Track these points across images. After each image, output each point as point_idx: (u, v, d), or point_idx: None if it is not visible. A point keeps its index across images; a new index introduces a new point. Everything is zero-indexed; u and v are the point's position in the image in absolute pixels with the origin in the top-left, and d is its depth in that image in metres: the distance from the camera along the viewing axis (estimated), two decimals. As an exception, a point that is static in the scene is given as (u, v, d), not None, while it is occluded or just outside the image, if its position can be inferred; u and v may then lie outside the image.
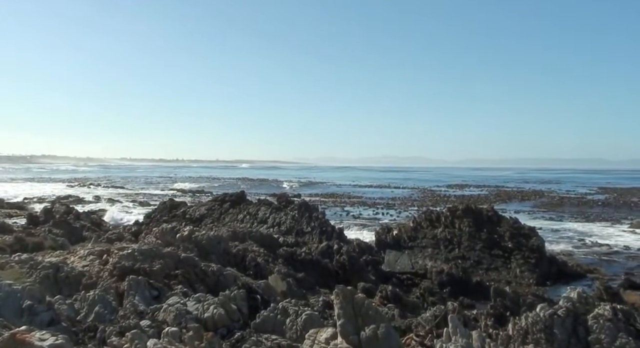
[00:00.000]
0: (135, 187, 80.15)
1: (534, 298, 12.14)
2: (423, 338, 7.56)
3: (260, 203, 26.73)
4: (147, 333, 6.44)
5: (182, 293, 8.42)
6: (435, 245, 22.33)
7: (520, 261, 20.60)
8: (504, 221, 23.16)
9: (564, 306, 7.05)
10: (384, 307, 11.10)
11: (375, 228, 29.04)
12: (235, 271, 11.14)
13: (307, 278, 14.37)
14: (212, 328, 7.01)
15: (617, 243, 28.47)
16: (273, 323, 7.08)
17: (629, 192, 74.20)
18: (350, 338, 5.58)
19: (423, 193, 69.60)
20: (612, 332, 6.71)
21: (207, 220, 25.83)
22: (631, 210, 47.06)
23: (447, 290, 16.20)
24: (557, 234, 31.81)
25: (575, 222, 39.34)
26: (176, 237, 13.48)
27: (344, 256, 16.49)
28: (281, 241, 18.56)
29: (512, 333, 6.91)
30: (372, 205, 50.49)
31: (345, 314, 5.71)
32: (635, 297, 16.66)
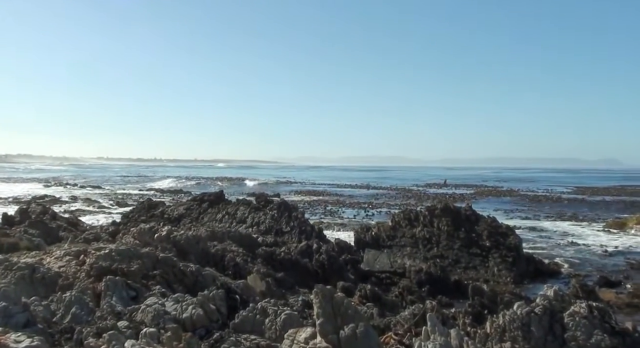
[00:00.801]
0: (113, 187, 79.48)
1: (512, 297, 12.24)
2: (402, 336, 7.59)
3: (239, 203, 26.65)
4: (125, 334, 6.39)
5: (160, 293, 8.36)
6: (414, 244, 22.46)
7: (498, 260, 20.78)
8: (482, 220, 23.35)
9: (540, 304, 7.12)
10: (363, 306, 11.12)
11: (354, 227, 29.13)
12: (214, 271, 11.09)
13: (287, 278, 14.36)
14: (191, 328, 6.98)
15: (592, 242, 28.86)
16: (252, 323, 7.06)
17: (603, 191, 75.14)
18: (330, 338, 5.59)
19: (401, 192, 69.90)
20: (587, 329, 6.79)
21: (185, 220, 25.69)
22: (605, 210, 47.68)
23: (425, 288, 16.28)
24: (533, 233, 32.16)
25: (551, 220, 39.79)
26: (154, 237, 13.39)
27: (323, 255, 16.50)
28: (260, 241, 18.53)
29: (490, 332, 6.97)
30: (350, 204, 50.61)
31: (324, 313, 5.72)
32: (610, 295, 16.90)
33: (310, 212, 41.38)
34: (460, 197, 60.03)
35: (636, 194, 67.06)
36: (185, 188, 75.68)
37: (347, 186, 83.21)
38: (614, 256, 24.95)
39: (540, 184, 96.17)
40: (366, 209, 46.25)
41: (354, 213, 42.87)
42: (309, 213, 38.78)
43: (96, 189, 71.49)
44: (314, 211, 43.54)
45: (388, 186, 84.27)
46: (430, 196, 61.62)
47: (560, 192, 72.41)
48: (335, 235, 26.49)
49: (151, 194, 58.94)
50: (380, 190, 72.98)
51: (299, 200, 52.49)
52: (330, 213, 42.43)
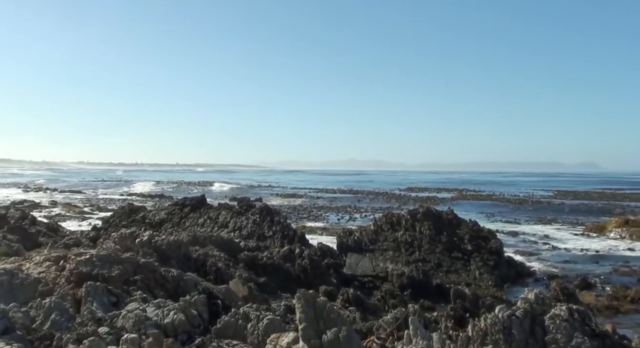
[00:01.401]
0: (93, 191, 78.86)
1: (493, 300, 12.32)
2: (384, 340, 7.59)
3: (221, 208, 26.56)
4: (106, 341, 6.33)
5: (142, 299, 8.29)
6: (396, 248, 22.51)
7: (480, 263, 20.90)
8: (464, 224, 23.48)
9: (521, 307, 7.17)
10: (346, 310, 11.11)
11: (336, 231, 29.15)
12: (195, 276, 11.02)
13: (269, 282, 14.31)
14: (172, 334, 6.93)
15: (572, 246, 29.15)
16: (234, 329, 7.02)
17: (583, 195, 75.88)
18: (312, 342, 5.57)
19: (383, 196, 70.06)
20: (568, 331, 6.84)
21: (167, 225, 25.55)
22: (585, 214, 48.13)
23: (407, 292, 16.32)
24: (514, 237, 32.39)
25: (532, 224, 40.12)
26: (135, 242, 13.28)
27: (305, 260, 16.48)
28: (242, 245, 18.46)
29: (472, 335, 6.99)
30: (332, 209, 50.65)
31: (306, 318, 5.70)
32: (590, 298, 17.06)
33: (292, 217, 41.35)
34: (442, 201, 60.32)
35: (615, 198, 67.80)
36: (154, 192, 75.12)
37: (329, 191, 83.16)
38: (594, 259, 25.20)
39: (521, 188, 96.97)
40: (349, 213, 46.31)
41: (337, 218, 42.92)
42: (291, 218, 38.77)
43: (76, 194, 70.84)
44: (295, 215, 43.50)
45: (369, 190, 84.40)
46: (411, 200, 61.82)
47: (541, 196, 73.05)
48: (318, 239, 26.48)
49: (132, 199, 58.51)
50: (361, 195, 73.07)
51: (280, 205, 52.40)
52: (312, 218, 42.42)
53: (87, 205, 50.28)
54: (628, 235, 31.40)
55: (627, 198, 68.48)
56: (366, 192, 78.55)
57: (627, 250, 27.52)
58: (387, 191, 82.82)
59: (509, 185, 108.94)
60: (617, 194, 77.47)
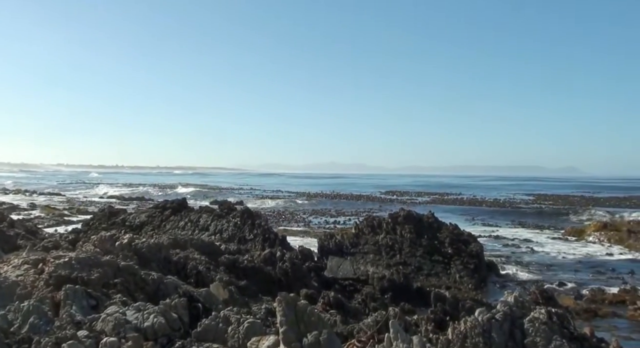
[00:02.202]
0: (73, 194, 78.13)
1: (473, 303, 12.39)
2: (365, 343, 7.61)
3: (202, 211, 26.45)
4: (85, 344, 6.29)
5: (121, 302, 8.24)
6: (377, 251, 22.56)
7: (460, 266, 21.02)
8: (444, 227, 23.61)
9: (501, 310, 7.22)
10: (327, 313, 11.12)
11: (318, 235, 29.17)
12: (176, 279, 10.97)
13: (250, 286, 14.27)
14: (152, 337, 6.90)
15: (552, 249, 29.45)
16: (214, 332, 7.01)
17: (563, 199, 76.56)
18: (293, 345, 5.58)
19: (364, 199, 70.19)
20: (547, 334, 6.91)
21: (147, 228, 25.38)
22: (565, 217, 48.60)
23: (388, 295, 16.36)
24: (495, 240, 32.64)
25: (512, 228, 40.46)
26: (115, 245, 13.18)
27: (286, 263, 16.45)
28: (223, 248, 18.39)
29: (452, 338, 7.03)
30: (314, 212, 50.68)
31: (287, 321, 5.71)
32: (569, 301, 17.24)
33: (273, 220, 41.31)
34: (423, 204, 60.60)
35: (594, 202, 68.48)
36: (113, 195, 74.57)
37: (310, 194, 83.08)
38: (573, 263, 25.46)
39: (502, 192, 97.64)
40: (330, 216, 46.37)
41: (318, 221, 42.94)
42: (272, 221, 38.73)
43: (56, 196, 70.10)
44: (276, 218, 43.47)
45: (350, 193, 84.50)
46: (392, 203, 62.01)
47: (521, 200, 73.61)
48: (299, 242, 26.47)
49: (112, 202, 58.07)
50: (342, 198, 73.13)
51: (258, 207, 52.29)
52: (293, 221, 42.41)
53: (67, 208, 49.78)
54: (606, 238, 31.75)
55: (607, 202, 69.23)
56: (347, 196, 78.61)
57: (605, 255, 27.82)
58: (368, 194, 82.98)
59: (490, 189, 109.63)
60: (595, 198, 78.27)
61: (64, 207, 51.16)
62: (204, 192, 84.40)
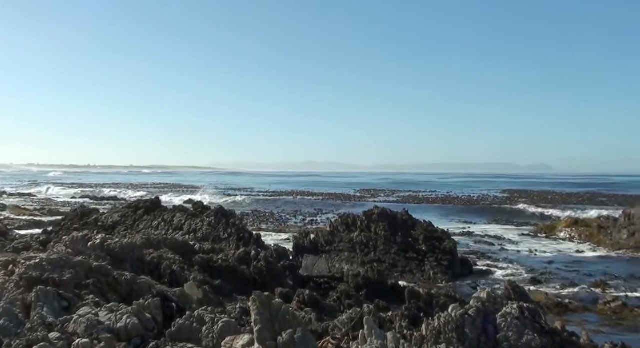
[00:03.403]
0: (44, 194, 77.02)
1: (447, 299, 12.50)
2: (339, 340, 7.64)
3: (175, 210, 26.28)
4: (56, 346, 6.21)
5: (94, 303, 8.15)
6: (352, 248, 22.66)
7: (434, 263, 21.20)
8: (418, 225, 23.77)
9: (474, 306, 7.29)
10: (302, 311, 11.13)
11: (293, 233, 29.17)
12: (149, 279, 10.88)
13: (224, 285, 14.21)
14: (126, 338, 6.84)
15: (524, 245, 29.84)
16: (189, 332, 6.97)
17: (536, 196, 77.32)
18: (267, 344, 5.58)
19: (339, 198, 70.31)
20: (519, 329, 6.99)
21: (120, 228, 25.13)
22: (538, 214, 49.11)
23: (363, 293, 16.40)
24: (468, 237, 32.92)
25: (486, 225, 40.87)
26: (87, 245, 13.04)
27: (261, 262, 16.41)
28: (197, 248, 18.28)
29: (426, 334, 7.08)
30: (289, 211, 50.65)
31: (262, 320, 5.70)
32: (541, 296, 17.46)
33: (247, 219, 41.20)
34: (397, 202, 60.89)
35: (565, 198, 69.35)
36: (54, 196, 73.58)
37: (285, 193, 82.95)
38: (545, 259, 25.79)
39: (475, 189, 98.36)
40: (305, 215, 46.38)
41: (293, 219, 42.93)
42: (247, 220, 38.63)
43: (26, 197, 69.06)
44: (251, 218, 43.35)
45: (326, 192, 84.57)
46: (367, 201, 62.19)
47: (495, 197, 74.23)
48: (274, 241, 26.44)
49: (84, 202, 57.38)
50: (318, 196, 73.16)
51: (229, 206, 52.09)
52: (268, 220, 42.34)
53: (38, 208, 49.06)
54: (577, 235, 32.23)
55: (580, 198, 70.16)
56: (322, 194, 78.67)
57: (575, 251, 28.22)
58: (343, 193, 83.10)
59: (463, 186, 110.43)
60: (568, 194, 79.28)
61: (34, 207, 50.41)
62: (155, 192, 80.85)
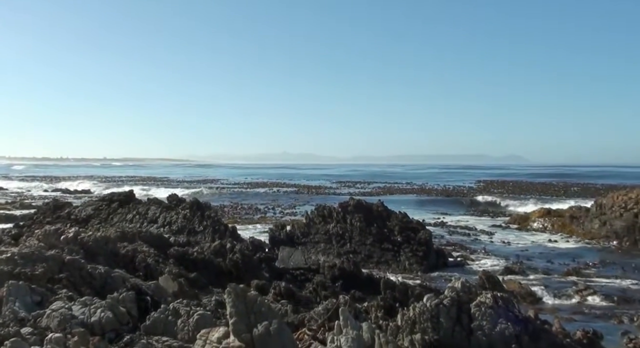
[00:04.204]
0: (15, 187, 75.90)
1: (422, 290, 12.60)
2: (315, 332, 7.67)
3: (150, 203, 26.08)
4: (29, 341, 6.15)
5: (67, 297, 8.07)
6: (328, 240, 22.72)
7: (409, 254, 21.34)
8: (393, 216, 23.89)
9: (449, 296, 7.36)
10: (278, 303, 11.14)
11: (269, 225, 29.16)
12: (124, 273, 10.81)
13: (200, 278, 14.16)
14: (100, 332, 6.78)
15: (498, 236, 30.20)
16: (164, 325, 6.94)
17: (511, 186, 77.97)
18: (243, 336, 5.57)
19: (315, 189, 70.35)
20: (493, 318, 7.08)
21: (94, 221, 24.87)
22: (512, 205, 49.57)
23: (339, 284, 16.45)
24: (443, 228, 33.20)
25: (461, 215, 41.24)
26: (60, 239, 12.91)
27: (237, 254, 16.37)
28: (172, 241, 18.19)
29: (401, 324, 7.14)
30: (265, 203, 50.57)
31: (237, 312, 5.69)
32: (514, 285, 17.68)
33: (223, 211, 41.07)
34: (373, 193, 61.11)
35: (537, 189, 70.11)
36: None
37: (260, 184, 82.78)
38: (519, 249, 26.12)
39: (450, 180, 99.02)
40: (281, 207, 46.34)
41: (268, 212, 42.88)
42: (223, 213, 38.52)
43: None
44: (227, 210, 43.20)
45: (301, 183, 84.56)
46: (343, 193, 62.30)
47: (469, 188, 74.78)
48: (250, 233, 26.39)
49: (57, 195, 56.66)
50: (293, 188, 73.12)
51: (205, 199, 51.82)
52: (243, 212, 42.24)
53: (9, 202, 48.36)
54: (550, 225, 32.64)
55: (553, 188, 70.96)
56: (298, 186, 78.64)
57: (548, 241, 28.60)
58: (319, 184, 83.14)
59: (437, 178, 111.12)
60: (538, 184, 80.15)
61: (6, 200, 49.69)
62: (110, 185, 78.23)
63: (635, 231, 27.03)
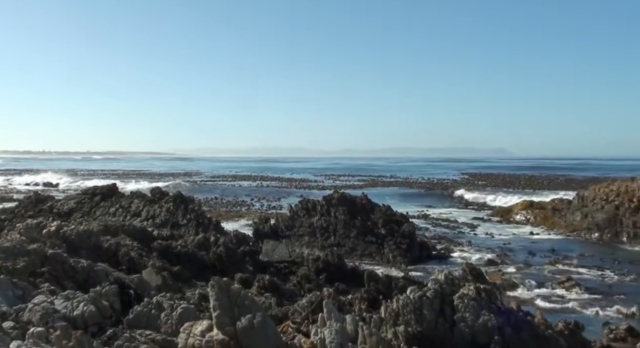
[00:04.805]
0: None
1: (405, 282, 12.66)
2: (299, 324, 7.68)
3: (133, 196, 25.95)
4: (11, 335, 6.09)
5: (49, 291, 8.02)
6: (312, 233, 22.76)
7: (393, 246, 21.42)
8: (377, 209, 23.97)
9: (432, 288, 7.40)
10: (262, 296, 11.15)
11: (253, 218, 29.11)
12: (107, 266, 10.76)
13: (183, 271, 14.12)
14: (82, 326, 6.74)
15: (481, 228, 30.34)
16: (147, 318, 6.91)
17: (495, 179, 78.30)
18: (226, 329, 5.56)
19: (300, 183, 70.31)
20: (475, 310, 7.13)
21: (76, 215, 24.72)
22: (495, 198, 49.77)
23: (323, 276, 16.49)
24: (427, 220, 33.33)
25: (445, 208, 41.40)
26: (42, 232, 12.82)
27: (220, 248, 16.35)
28: (155, 234, 18.12)
29: (385, 316, 7.17)
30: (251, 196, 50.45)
31: (220, 305, 5.68)
32: (497, 276, 17.83)
33: (207, 205, 40.94)
34: (357, 187, 61.17)
35: (522, 182, 70.52)
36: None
37: (246, 177, 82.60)
38: (500, 240, 26.29)
39: (435, 173, 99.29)
40: (265, 200, 46.25)
41: (253, 205, 42.79)
42: (206, 206, 38.42)
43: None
44: (211, 203, 43.07)
45: (287, 177, 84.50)
46: (327, 186, 62.30)
47: (454, 181, 75.03)
48: (235, 227, 26.34)
49: (39, 189, 56.11)
50: (278, 181, 73.03)
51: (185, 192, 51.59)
52: (227, 205, 42.11)
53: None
54: (532, 217, 32.88)
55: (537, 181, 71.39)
56: (283, 179, 78.56)
57: (530, 233, 28.81)
58: (303, 178, 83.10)
59: (423, 171, 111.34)
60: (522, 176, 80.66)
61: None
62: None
63: (616, 223, 27.31)
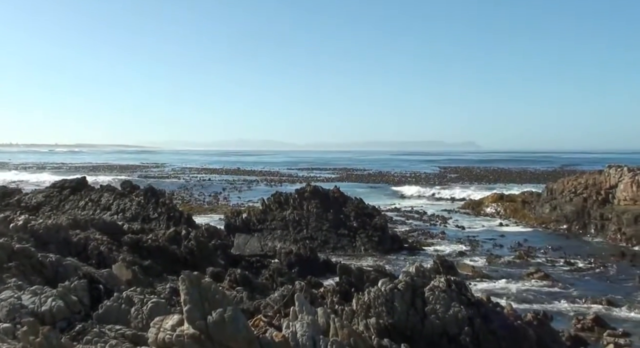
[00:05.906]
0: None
1: (377, 274, 12.70)
2: (271, 318, 7.66)
3: (103, 190, 25.65)
4: (-24, 332, 5.98)
5: (17, 286, 7.88)
6: (284, 226, 22.74)
7: (365, 239, 21.52)
8: (349, 202, 24.05)
9: (403, 280, 7.45)
10: (233, 290, 11.11)
11: (224, 212, 28.99)
12: (76, 261, 10.61)
13: (154, 265, 14.00)
14: (50, 321, 6.65)
15: (452, 221, 30.63)
16: (117, 313, 6.84)
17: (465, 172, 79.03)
18: (197, 324, 5.52)
19: (272, 176, 70.15)
20: (446, 302, 7.19)
21: (45, 209, 24.37)
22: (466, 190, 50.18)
23: (295, 270, 16.52)
24: (399, 213, 33.50)
25: (415, 200, 41.67)
26: (9, 226, 12.61)
27: (192, 241, 16.25)
28: (126, 228, 17.93)
29: (356, 308, 7.20)
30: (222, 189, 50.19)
31: (191, 300, 5.64)
32: (468, 268, 18.03)
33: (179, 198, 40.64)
34: (330, 180, 61.24)
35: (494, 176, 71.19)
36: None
37: (216, 171, 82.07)
38: (471, 233, 26.54)
39: (406, 167, 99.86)
40: (238, 192, 46.08)
41: (225, 198, 42.58)
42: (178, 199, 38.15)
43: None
44: (183, 196, 42.75)
45: (258, 170, 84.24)
46: (300, 179, 62.26)
47: (425, 174, 75.49)
48: (206, 220, 26.19)
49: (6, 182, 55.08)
50: (250, 175, 72.78)
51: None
52: (199, 199, 41.85)
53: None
54: (503, 209, 33.23)
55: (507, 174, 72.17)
56: (255, 172, 78.32)
57: (500, 226, 29.17)
58: (276, 170, 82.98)
59: (395, 164, 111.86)
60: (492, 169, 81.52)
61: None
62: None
63: (584, 215, 27.72)
